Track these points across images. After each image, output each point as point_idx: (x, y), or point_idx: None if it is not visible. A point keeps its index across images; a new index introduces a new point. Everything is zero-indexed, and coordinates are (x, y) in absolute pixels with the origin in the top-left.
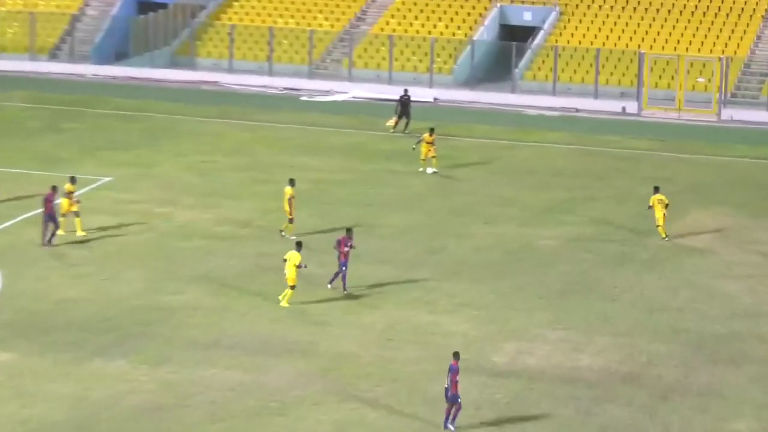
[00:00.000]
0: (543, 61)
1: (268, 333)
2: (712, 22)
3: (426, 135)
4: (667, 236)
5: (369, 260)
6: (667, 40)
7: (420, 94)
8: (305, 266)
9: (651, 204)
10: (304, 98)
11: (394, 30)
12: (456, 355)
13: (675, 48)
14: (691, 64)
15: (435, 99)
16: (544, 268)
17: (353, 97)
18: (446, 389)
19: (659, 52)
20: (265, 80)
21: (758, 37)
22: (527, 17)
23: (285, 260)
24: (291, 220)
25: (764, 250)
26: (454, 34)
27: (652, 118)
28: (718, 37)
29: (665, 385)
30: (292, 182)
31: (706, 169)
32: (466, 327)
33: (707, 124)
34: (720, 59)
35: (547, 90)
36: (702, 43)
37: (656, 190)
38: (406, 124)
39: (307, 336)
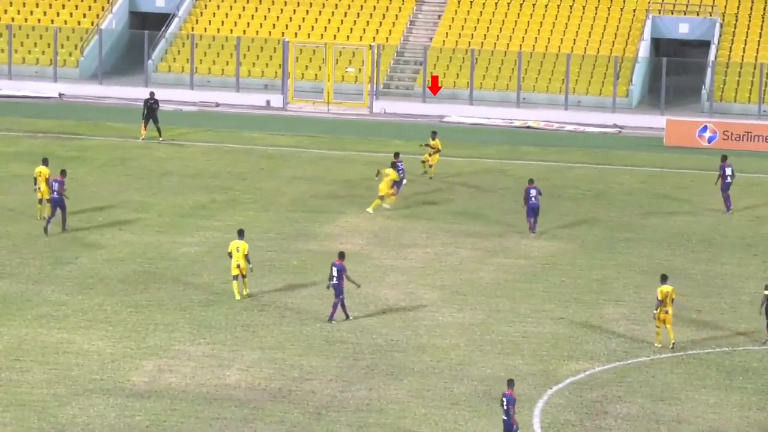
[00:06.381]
0: (179, 51)
1: None
2: (362, 7)
3: (431, 140)
4: None
5: None
6: (313, 27)
7: (43, 89)
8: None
9: None
10: None
11: (12, 19)
12: (510, 383)
13: (322, 36)
14: (340, 53)
15: (60, 95)
16: (186, 278)
17: None
18: (505, 421)
19: (305, 40)
20: None
21: (411, 23)
22: (160, 3)
23: (230, 253)
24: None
25: (422, 254)
26: (79, 23)
27: (299, 113)
28: (368, 23)
29: (319, 401)
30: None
31: (360, 167)
32: (101, 345)
33: (359, 117)
34: (371, 47)
35: (184, 83)
36: (351, 30)
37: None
38: (159, 130)
39: None
